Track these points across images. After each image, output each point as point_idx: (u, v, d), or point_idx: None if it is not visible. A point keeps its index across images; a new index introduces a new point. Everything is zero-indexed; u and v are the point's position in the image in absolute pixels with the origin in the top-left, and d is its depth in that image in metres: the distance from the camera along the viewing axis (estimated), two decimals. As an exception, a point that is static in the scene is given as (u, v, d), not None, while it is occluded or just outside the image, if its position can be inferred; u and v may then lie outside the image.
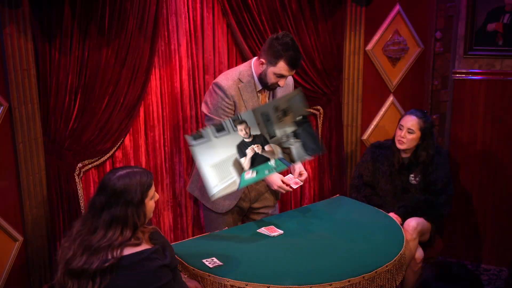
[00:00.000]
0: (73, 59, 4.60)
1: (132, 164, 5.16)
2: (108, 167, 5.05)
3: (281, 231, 4.47)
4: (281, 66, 4.49)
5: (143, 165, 5.23)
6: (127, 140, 5.13)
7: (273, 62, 4.49)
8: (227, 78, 4.64)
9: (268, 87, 4.64)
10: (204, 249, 4.20)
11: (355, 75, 6.03)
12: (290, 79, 4.90)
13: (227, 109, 4.59)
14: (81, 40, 4.61)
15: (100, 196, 3.38)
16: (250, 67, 4.68)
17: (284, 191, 4.63)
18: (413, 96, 6.26)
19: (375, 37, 6.06)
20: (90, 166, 4.95)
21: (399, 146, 5.26)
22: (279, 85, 4.59)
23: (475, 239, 6.41)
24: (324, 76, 5.82)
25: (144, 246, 3.40)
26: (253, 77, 4.65)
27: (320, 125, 5.99)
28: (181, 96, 5.32)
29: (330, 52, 5.79)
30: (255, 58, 4.70)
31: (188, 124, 5.38)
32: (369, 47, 6.06)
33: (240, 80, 4.62)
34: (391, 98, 6.24)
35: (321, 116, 5.97)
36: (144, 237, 3.45)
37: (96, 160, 4.96)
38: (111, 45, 4.74)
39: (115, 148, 5.05)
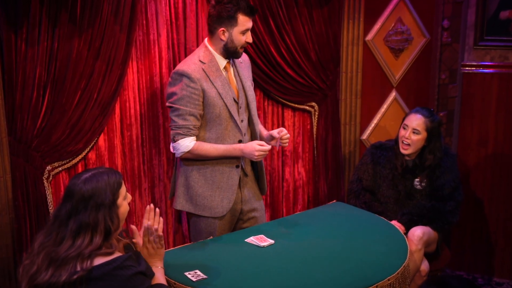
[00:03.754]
0: (41, 50, 4.61)
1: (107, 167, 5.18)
2: (80, 170, 5.04)
3: (271, 241, 4.51)
4: (242, 20, 4.74)
5: (119, 168, 5.25)
6: (101, 140, 5.15)
7: (233, 23, 4.73)
8: (188, 64, 4.81)
9: (236, 53, 4.84)
10: (186, 261, 4.23)
11: (353, 68, 6.07)
12: (244, 56, 5.09)
13: (194, 95, 4.72)
14: (50, 29, 4.63)
15: (66, 204, 3.42)
16: (206, 47, 4.87)
17: (265, 152, 4.77)
18: (418, 92, 6.30)
19: (376, 26, 6.10)
20: (60, 169, 4.96)
21: (403, 151, 5.28)
22: (248, 43, 4.83)
23: (486, 249, 6.44)
24: (320, 69, 5.86)
25: (117, 255, 3.44)
26: (213, 56, 4.83)
27: (315, 124, 6.03)
28: (161, 91, 5.33)
29: (326, 42, 5.83)
30: (207, 38, 4.89)
31: (169, 123, 5.36)
32: (369, 37, 6.10)
33: (201, 62, 4.80)
34: (393, 94, 6.28)
35: (316, 113, 6.01)
36: (119, 246, 3.49)
37: (67, 162, 4.98)
38: (83, 34, 4.75)
39: (88, 149, 5.06)
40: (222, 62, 4.85)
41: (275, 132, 4.92)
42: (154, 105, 5.34)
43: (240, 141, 4.87)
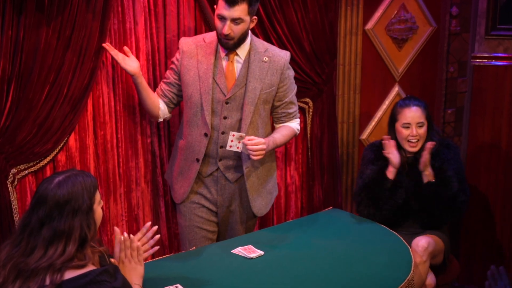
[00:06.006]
0: (5, 41, 4.60)
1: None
2: (48, 173, 5.03)
3: (261, 252, 4.53)
4: (219, 4, 4.80)
5: (92, 171, 5.24)
6: (72, 140, 5.14)
7: (216, 3, 4.84)
8: (192, 37, 5.11)
9: (220, 41, 4.91)
10: (166, 274, 4.25)
11: (352, 60, 6.09)
12: (278, 57, 5.07)
13: (172, 65, 5.10)
14: (15, 17, 4.60)
15: (37, 211, 3.42)
16: None
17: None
18: (423, 86, 6.32)
19: (377, 14, 6.12)
20: (26, 172, 4.95)
21: (412, 149, 5.32)
22: (224, 35, 4.80)
23: (499, 261, 6.45)
24: (314, 62, 5.88)
25: (90, 268, 3.45)
26: (217, 40, 4.97)
27: (309, 122, 6.03)
28: (138, 85, 5.34)
29: (321, 32, 5.85)
30: None
31: (146, 121, 5.39)
32: (370, 25, 6.12)
33: (203, 40, 5.01)
34: (396, 89, 6.31)
35: (311, 110, 6.03)
36: (94, 258, 3.50)
37: (34, 165, 4.97)
38: (52, 23, 4.74)
39: (57, 150, 5.05)
40: (223, 50, 4.97)
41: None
42: (131, 101, 5.34)
43: (205, 135, 4.95)
